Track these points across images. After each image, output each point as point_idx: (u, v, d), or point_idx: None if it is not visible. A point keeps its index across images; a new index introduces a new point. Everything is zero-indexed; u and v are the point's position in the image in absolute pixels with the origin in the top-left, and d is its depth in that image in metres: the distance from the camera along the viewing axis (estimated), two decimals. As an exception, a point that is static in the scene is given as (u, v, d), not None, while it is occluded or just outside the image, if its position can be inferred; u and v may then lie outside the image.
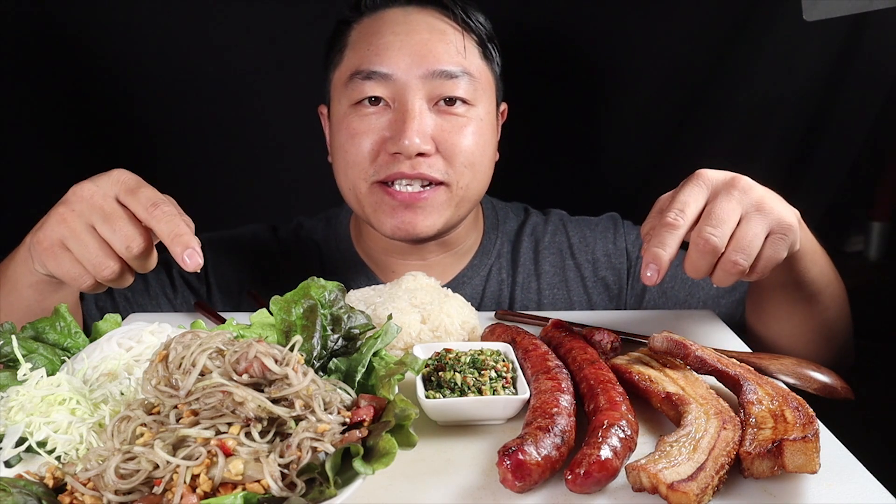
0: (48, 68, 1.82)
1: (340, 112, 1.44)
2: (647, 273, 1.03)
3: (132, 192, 1.03)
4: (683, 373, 1.04)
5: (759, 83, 1.81)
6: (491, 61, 1.48)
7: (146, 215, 1.01)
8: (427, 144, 1.36)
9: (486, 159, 1.46)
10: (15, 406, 0.91)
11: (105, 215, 1.02)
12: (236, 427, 0.78)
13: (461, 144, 1.40)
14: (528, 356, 1.07)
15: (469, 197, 1.46)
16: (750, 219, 1.03)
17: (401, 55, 1.37)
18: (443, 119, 1.39)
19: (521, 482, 0.81)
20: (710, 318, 1.42)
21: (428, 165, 1.38)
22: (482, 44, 1.45)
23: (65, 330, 1.10)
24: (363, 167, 1.41)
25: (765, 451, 0.82)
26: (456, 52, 1.39)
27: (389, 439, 0.77)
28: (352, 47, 1.44)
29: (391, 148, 1.37)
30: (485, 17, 1.48)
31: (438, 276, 1.58)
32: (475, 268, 1.62)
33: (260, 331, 1.06)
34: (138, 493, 0.75)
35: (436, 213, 1.42)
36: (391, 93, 1.38)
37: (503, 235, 1.66)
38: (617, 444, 0.84)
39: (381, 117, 1.39)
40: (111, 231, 1.02)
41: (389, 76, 1.37)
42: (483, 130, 1.44)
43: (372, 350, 0.96)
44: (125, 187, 1.04)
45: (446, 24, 1.41)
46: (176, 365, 0.82)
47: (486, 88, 1.46)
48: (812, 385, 1.11)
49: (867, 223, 2.33)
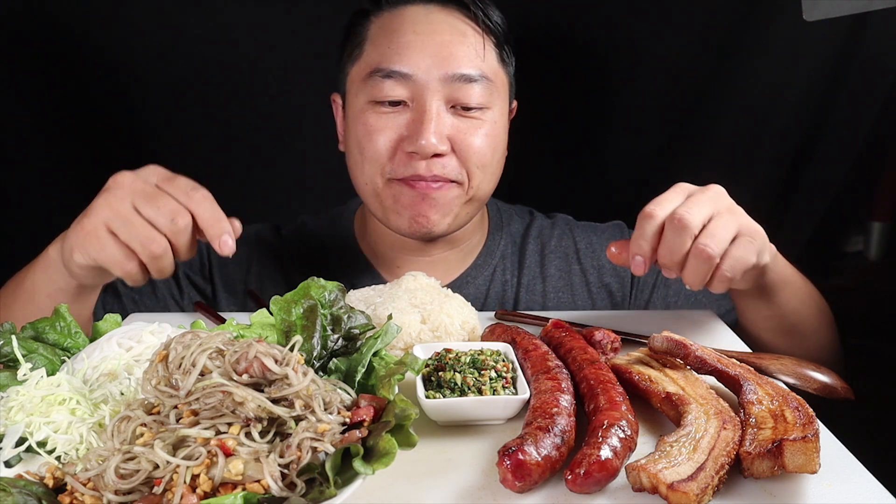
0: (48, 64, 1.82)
1: (358, 107, 1.45)
2: (633, 263, 1.10)
3: (170, 180, 1.09)
4: (683, 373, 1.04)
5: (759, 83, 1.81)
6: (506, 63, 1.50)
7: (186, 199, 1.06)
8: (443, 145, 1.38)
9: (496, 159, 1.49)
10: (15, 406, 0.91)
11: (147, 196, 1.06)
12: (236, 427, 0.78)
13: (475, 145, 1.42)
14: (528, 356, 1.07)
15: (480, 196, 1.49)
16: (721, 216, 1.09)
17: (422, 56, 1.38)
18: (459, 120, 1.41)
19: (521, 482, 0.81)
20: (710, 318, 1.42)
21: (442, 166, 1.40)
22: (500, 45, 1.46)
23: (65, 330, 1.10)
24: (381, 163, 1.42)
25: (765, 451, 0.82)
26: (475, 55, 1.41)
27: (389, 439, 0.77)
28: (371, 42, 1.44)
29: (408, 147, 1.38)
30: (502, 16, 1.49)
31: (443, 274, 1.59)
32: (479, 267, 1.63)
33: (260, 331, 1.06)
34: (138, 493, 0.75)
35: (447, 207, 1.44)
36: (410, 92, 1.40)
37: (507, 237, 1.68)
38: (617, 444, 0.84)
39: (400, 116, 1.41)
40: (155, 209, 1.06)
41: (409, 76, 1.38)
42: (496, 132, 1.46)
43: (372, 350, 0.96)
44: (163, 176, 1.10)
45: (467, 24, 1.42)
46: (176, 365, 0.82)
47: (501, 91, 1.48)
48: (812, 385, 1.11)
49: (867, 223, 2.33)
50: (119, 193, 1.07)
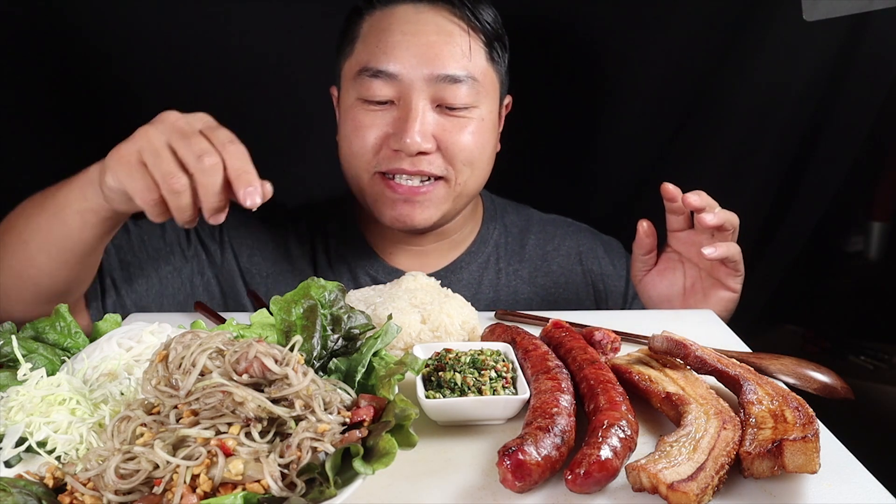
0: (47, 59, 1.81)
1: (348, 102, 1.49)
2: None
3: (213, 129, 1.09)
4: (683, 373, 1.04)
5: (759, 83, 1.81)
6: (496, 61, 1.50)
7: (220, 146, 1.06)
8: (428, 143, 1.42)
9: (485, 156, 1.51)
10: (15, 406, 0.91)
11: (183, 134, 1.07)
12: (236, 427, 0.78)
13: (461, 143, 1.45)
14: (528, 356, 1.07)
15: (467, 192, 1.52)
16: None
17: (408, 55, 1.41)
18: (444, 118, 1.44)
19: (521, 482, 0.81)
20: (710, 318, 1.42)
21: (428, 162, 1.44)
22: (489, 44, 1.47)
23: (65, 330, 1.10)
24: (366, 159, 1.46)
25: (765, 451, 0.82)
26: (461, 55, 1.43)
27: (389, 439, 0.77)
28: (362, 40, 1.47)
29: (393, 144, 1.42)
30: (494, 13, 1.50)
31: (434, 264, 1.63)
32: (473, 255, 1.66)
33: (260, 331, 1.06)
34: (138, 493, 0.75)
35: (433, 206, 1.48)
36: (397, 91, 1.43)
37: (502, 227, 1.71)
38: (617, 444, 0.84)
39: (387, 114, 1.44)
40: (186, 146, 1.05)
41: (395, 76, 1.41)
42: (483, 129, 1.48)
43: (372, 350, 0.96)
44: (208, 123, 1.10)
45: (454, 24, 1.44)
46: (176, 365, 0.82)
47: (490, 89, 1.49)
48: (812, 385, 1.11)
49: (867, 223, 2.33)
50: (160, 127, 1.08)
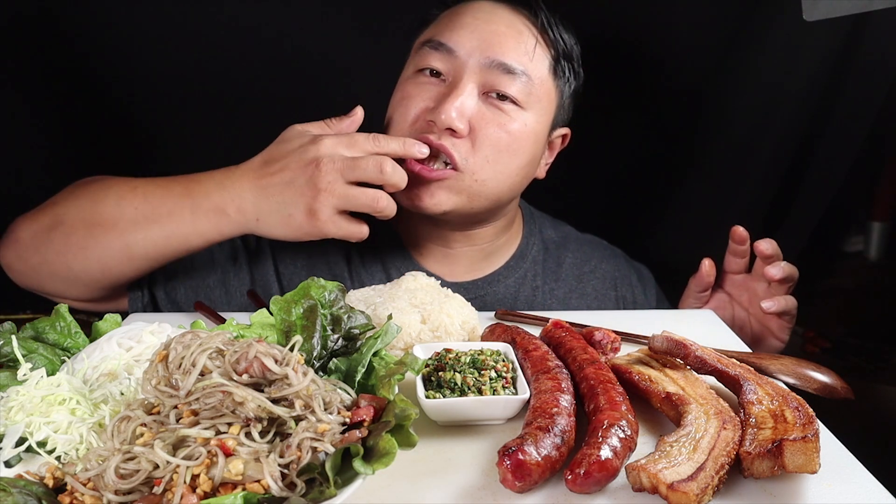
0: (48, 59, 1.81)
1: (405, 75, 1.49)
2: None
3: (350, 143, 1.29)
4: (683, 373, 1.04)
5: (758, 83, 1.80)
6: (560, 78, 1.48)
7: (372, 147, 1.30)
8: (461, 123, 1.36)
9: (513, 164, 1.43)
10: (15, 406, 0.91)
11: (349, 167, 1.26)
12: (236, 427, 0.78)
13: (493, 136, 1.39)
14: (528, 356, 1.07)
15: (484, 194, 1.43)
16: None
17: (472, 36, 1.40)
18: (487, 108, 1.40)
19: (521, 482, 0.81)
20: (710, 318, 1.42)
21: (452, 144, 1.37)
22: (556, 58, 1.46)
23: (65, 330, 1.10)
24: (403, 129, 1.43)
25: (765, 451, 0.82)
26: (524, 52, 1.41)
27: (389, 439, 0.77)
28: (435, 23, 1.49)
29: (429, 116, 1.39)
30: (573, 37, 1.49)
31: (464, 272, 1.58)
32: (511, 269, 1.62)
33: (260, 331, 1.06)
34: (138, 493, 0.75)
35: (443, 193, 1.40)
36: (450, 67, 1.41)
37: (540, 242, 1.68)
38: (617, 444, 0.84)
39: (434, 88, 1.42)
40: (363, 172, 1.26)
41: (453, 51, 1.40)
42: (523, 136, 1.42)
43: (372, 350, 0.96)
44: (341, 142, 1.30)
45: (526, 26, 1.44)
46: (176, 365, 0.82)
47: (543, 99, 1.45)
48: (812, 385, 1.11)
49: (867, 223, 2.33)
50: (328, 178, 1.23)
